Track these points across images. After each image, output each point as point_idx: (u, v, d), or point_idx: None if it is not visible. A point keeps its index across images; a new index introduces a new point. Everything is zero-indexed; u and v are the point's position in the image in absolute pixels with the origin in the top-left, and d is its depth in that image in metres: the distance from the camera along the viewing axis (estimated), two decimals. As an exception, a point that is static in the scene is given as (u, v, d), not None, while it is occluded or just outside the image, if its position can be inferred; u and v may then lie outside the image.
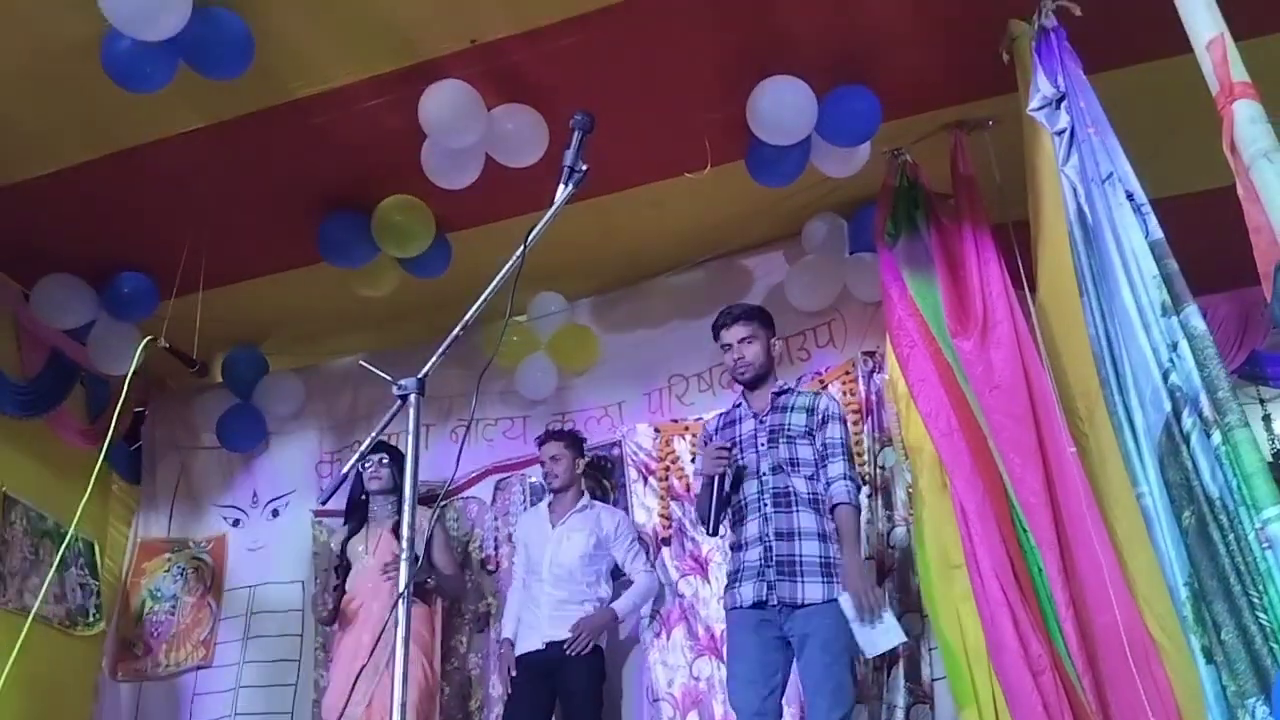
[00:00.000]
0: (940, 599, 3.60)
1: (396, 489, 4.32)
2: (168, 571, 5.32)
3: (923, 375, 3.76)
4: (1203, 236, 3.12)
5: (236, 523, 5.40)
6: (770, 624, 3.34)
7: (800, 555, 3.35)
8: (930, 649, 3.85)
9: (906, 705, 3.86)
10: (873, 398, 4.41)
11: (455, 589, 4.57)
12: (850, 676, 3.36)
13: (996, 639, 3.29)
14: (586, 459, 4.58)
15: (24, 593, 4.59)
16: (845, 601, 3.29)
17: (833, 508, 3.45)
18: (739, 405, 3.70)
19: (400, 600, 2.07)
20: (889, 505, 4.22)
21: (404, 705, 2.01)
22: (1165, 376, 2.57)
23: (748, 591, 3.37)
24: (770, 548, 3.37)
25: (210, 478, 5.51)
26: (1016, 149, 3.71)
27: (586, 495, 4.53)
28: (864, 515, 4.21)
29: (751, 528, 3.45)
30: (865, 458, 4.32)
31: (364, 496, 4.56)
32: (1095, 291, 2.97)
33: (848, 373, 4.54)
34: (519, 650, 4.18)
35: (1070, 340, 3.36)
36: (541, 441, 4.52)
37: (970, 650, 3.41)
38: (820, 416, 3.56)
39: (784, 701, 3.41)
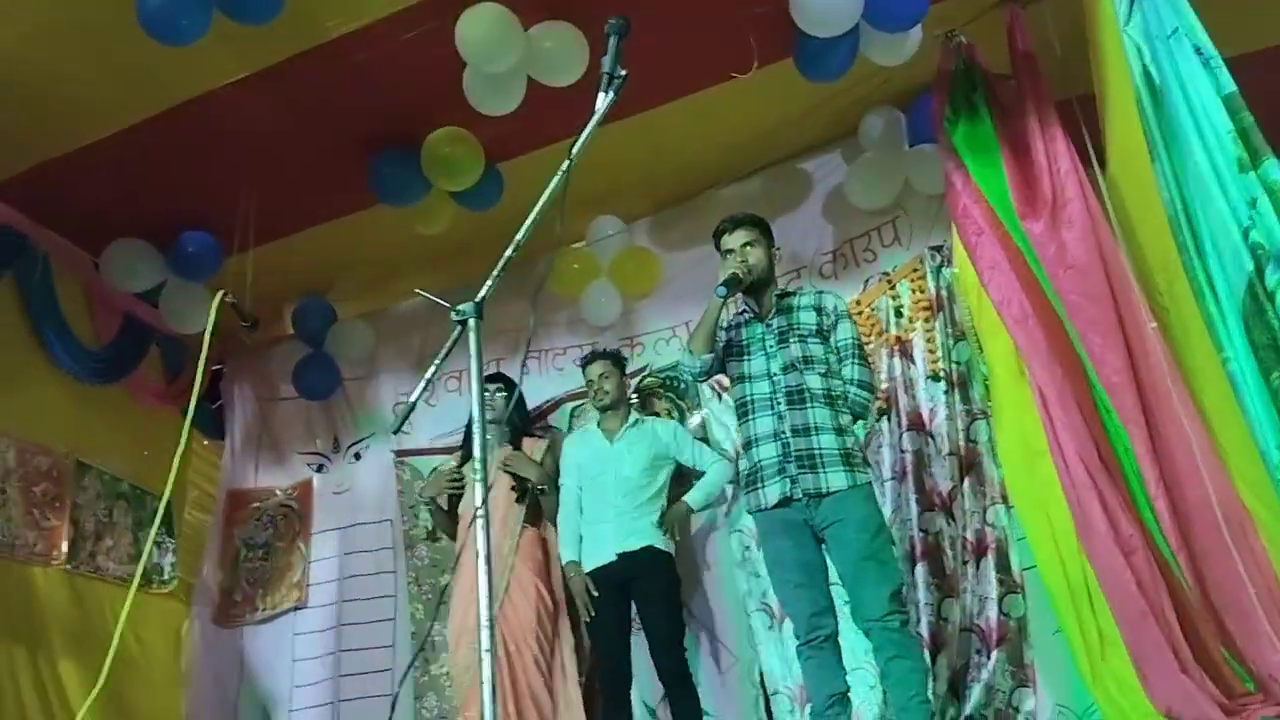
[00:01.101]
0: (1024, 488, 3.55)
1: (512, 417, 4.39)
2: (258, 520, 5.48)
3: (992, 262, 3.66)
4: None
5: (320, 468, 5.54)
6: (798, 522, 3.28)
7: (820, 448, 3.28)
8: (1018, 539, 3.80)
9: (999, 596, 3.82)
10: (943, 293, 4.31)
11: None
12: (894, 554, 3.32)
13: (1085, 522, 3.23)
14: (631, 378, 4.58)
15: (96, 555, 4.75)
16: None
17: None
18: (743, 311, 3.62)
19: (476, 518, 2.09)
20: (966, 399, 4.14)
21: (491, 621, 2.04)
22: (1245, 235, 2.48)
23: (773, 491, 3.30)
24: (788, 444, 3.30)
25: (291, 427, 5.65)
26: (1076, 19, 3.57)
27: (635, 411, 4.53)
28: (942, 411, 4.16)
29: (764, 424, 3.38)
30: (939, 353, 4.24)
31: None
32: (1167, 155, 2.85)
33: (915, 270, 4.44)
34: (588, 567, 4.20)
35: (1145, 212, 3.25)
36: (586, 363, 4.53)
37: (1059, 536, 3.37)
38: (832, 317, 3.49)
39: None
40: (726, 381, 4.68)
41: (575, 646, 4.35)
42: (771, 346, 3.46)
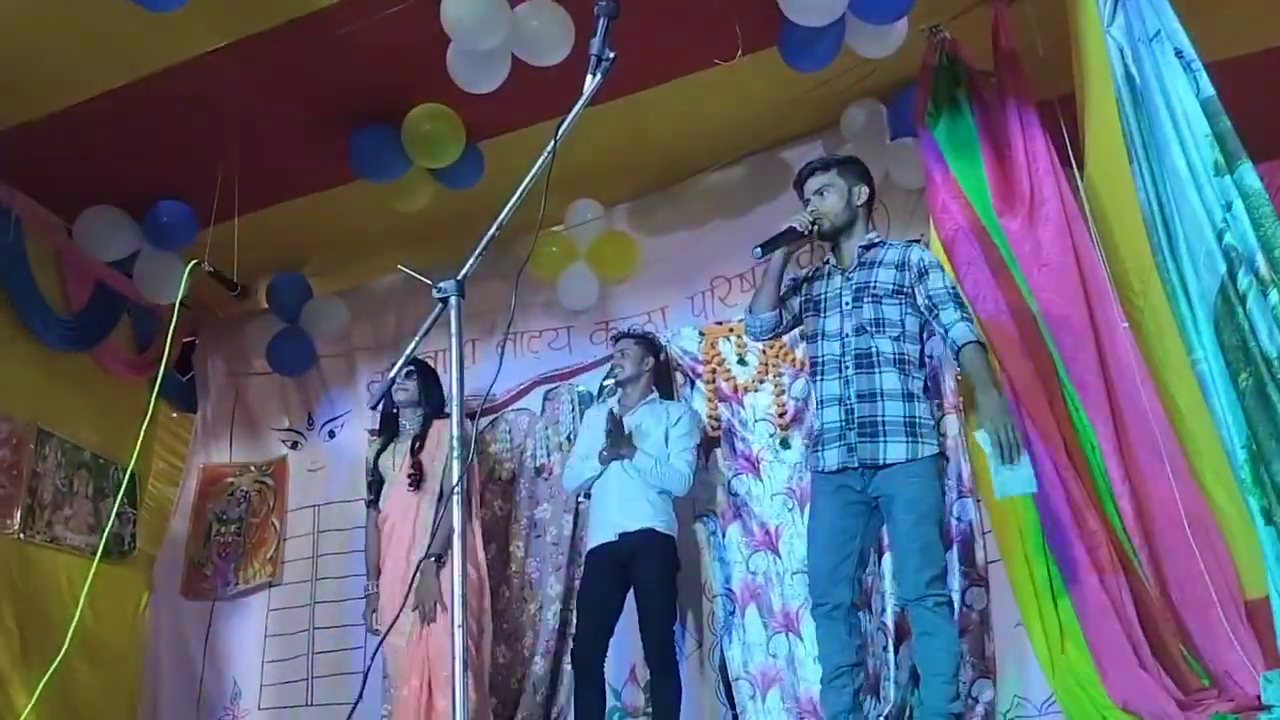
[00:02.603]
0: (993, 482, 3.58)
1: (422, 402, 4.35)
2: (230, 495, 5.45)
3: (969, 258, 3.69)
4: (1258, 99, 3.01)
5: (295, 445, 5.51)
6: (851, 488, 3.18)
7: (883, 416, 3.14)
8: (985, 533, 3.84)
9: (962, 589, 3.85)
10: (918, 287, 4.34)
11: None
12: (939, 537, 3.18)
13: (1051, 518, 3.27)
14: (657, 360, 4.50)
15: (54, 524, 4.70)
16: (982, 437, 3.07)
17: (958, 352, 3.18)
18: (827, 261, 3.45)
19: (454, 499, 2.08)
20: (938, 394, 4.16)
21: (465, 599, 2.04)
22: (1219, 237, 2.51)
23: (831, 456, 3.20)
24: (851, 409, 3.17)
25: (265, 402, 5.62)
26: (1060, 18, 3.59)
27: (656, 392, 4.46)
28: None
29: (831, 386, 3.25)
30: (913, 347, 4.27)
31: (395, 410, 4.47)
32: (1145, 156, 2.88)
33: (892, 263, 4.46)
34: (593, 544, 4.18)
35: (1122, 212, 3.28)
36: (614, 339, 4.55)
37: (1025, 531, 3.40)
38: (916, 270, 3.27)
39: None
40: (700, 368, 4.73)
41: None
42: (847, 305, 3.29)
